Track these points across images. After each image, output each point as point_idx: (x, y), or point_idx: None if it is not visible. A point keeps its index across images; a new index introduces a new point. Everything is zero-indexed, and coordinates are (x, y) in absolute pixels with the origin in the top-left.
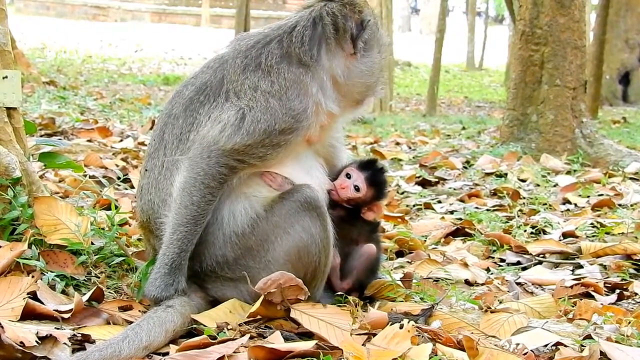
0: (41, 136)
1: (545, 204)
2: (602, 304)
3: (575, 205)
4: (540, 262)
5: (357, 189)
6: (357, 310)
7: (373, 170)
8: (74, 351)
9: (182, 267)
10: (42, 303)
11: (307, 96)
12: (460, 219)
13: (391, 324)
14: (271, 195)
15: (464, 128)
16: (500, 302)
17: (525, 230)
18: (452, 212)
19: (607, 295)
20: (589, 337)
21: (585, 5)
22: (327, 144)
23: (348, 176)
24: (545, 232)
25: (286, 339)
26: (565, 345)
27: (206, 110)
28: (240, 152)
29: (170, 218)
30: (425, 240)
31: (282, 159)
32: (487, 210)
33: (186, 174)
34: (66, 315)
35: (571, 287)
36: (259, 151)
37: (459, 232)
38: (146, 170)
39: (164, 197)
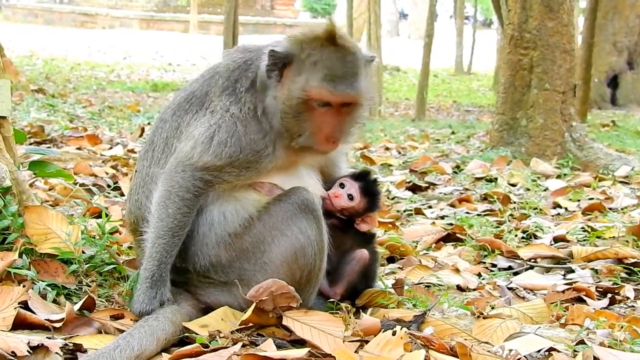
0: (30, 144)
1: (536, 208)
2: (594, 308)
3: (566, 209)
4: (531, 267)
5: (350, 197)
6: (350, 317)
7: (367, 181)
8: None
9: (163, 279)
10: (34, 312)
11: (265, 133)
12: (451, 224)
13: (384, 331)
14: (263, 198)
15: (453, 132)
16: (493, 308)
17: (516, 235)
18: (442, 217)
19: (599, 299)
20: (582, 342)
21: (574, 9)
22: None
23: (342, 186)
24: (536, 237)
25: (278, 347)
26: (559, 351)
27: (187, 120)
28: (212, 169)
29: (149, 233)
30: (416, 246)
31: (261, 175)
32: (478, 215)
33: (162, 187)
34: (58, 325)
35: (563, 291)
36: (232, 170)
37: (450, 238)
38: (136, 171)
39: (150, 198)
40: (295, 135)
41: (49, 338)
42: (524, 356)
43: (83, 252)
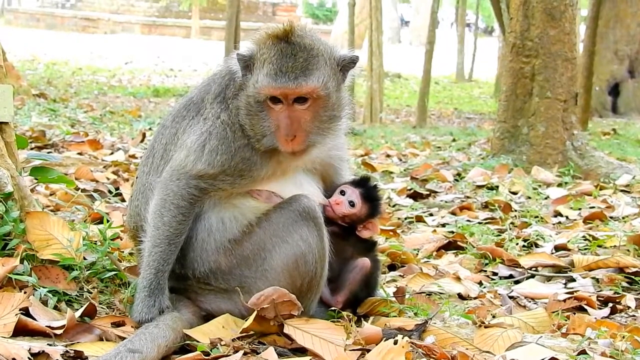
0: (32, 149)
1: (537, 216)
2: (595, 318)
3: (567, 218)
4: (532, 276)
5: (352, 204)
6: (351, 326)
7: (367, 187)
8: None
9: (161, 287)
10: (35, 319)
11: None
12: (452, 232)
13: (385, 340)
14: (262, 205)
15: (454, 140)
16: (494, 317)
17: (517, 244)
18: (443, 225)
19: (600, 309)
20: (583, 352)
21: (576, 17)
22: (323, 162)
23: (342, 193)
24: (537, 245)
25: (280, 355)
26: None
27: (184, 127)
28: (207, 177)
29: (146, 242)
30: (417, 254)
31: (257, 183)
32: (479, 223)
33: (157, 196)
34: (59, 332)
35: (564, 300)
36: (226, 178)
37: (451, 246)
38: (137, 177)
39: (148, 207)
40: (259, 136)
41: (50, 345)
42: None
43: (84, 259)
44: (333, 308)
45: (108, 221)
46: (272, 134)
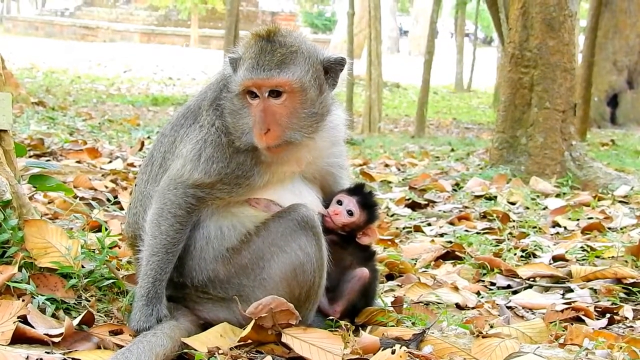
0: (30, 157)
1: (535, 227)
2: (593, 328)
3: (565, 228)
4: (530, 286)
5: (350, 213)
6: (349, 335)
7: (363, 194)
8: None
9: (159, 296)
10: (33, 327)
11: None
12: (451, 242)
13: (383, 349)
14: (260, 214)
15: (452, 150)
16: (492, 327)
17: (515, 254)
18: (442, 235)
19: (598, 319)
20: None
21: (575, 27)
22: (322, 170)
23: (339, 203)
24: (535, 256)
25: None
26: None
27: (182, 135)
28: (204, 186)
29: (143, 250)
30: (415, 264)
31: (254, 191)
32: (477, 233)
33: (155, 205)
34: (56, 340)
35: (562, 311)
36: (223, 187)
37: (449, 256)
38: (136, 185)
39: (146, 217)
40: (240, 133)
41: (48, 353)
42: None
43: (82, 267)
44: (331, 317)
45: (106, 229)
46: (250, 130)
